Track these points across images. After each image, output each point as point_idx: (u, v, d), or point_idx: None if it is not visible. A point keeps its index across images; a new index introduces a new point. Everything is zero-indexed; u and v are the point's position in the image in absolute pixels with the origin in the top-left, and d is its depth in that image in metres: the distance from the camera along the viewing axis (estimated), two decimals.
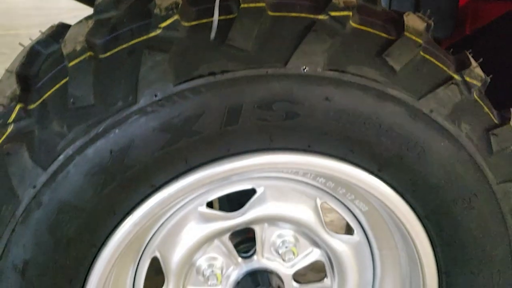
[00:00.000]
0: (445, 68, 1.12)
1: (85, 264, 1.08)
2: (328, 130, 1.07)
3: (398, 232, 1.28)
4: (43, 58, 1.10)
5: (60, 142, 0.99)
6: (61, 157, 0.99)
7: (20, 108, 1.01)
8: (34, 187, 0.99)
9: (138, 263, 1.24)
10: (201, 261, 1.29)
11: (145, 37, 1.00)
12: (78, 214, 1.02)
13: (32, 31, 1.14)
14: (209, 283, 1.27)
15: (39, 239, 1.02)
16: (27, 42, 1.14)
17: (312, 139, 1.08)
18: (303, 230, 1.30)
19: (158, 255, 1.24)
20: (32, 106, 1.01)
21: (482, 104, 1.16)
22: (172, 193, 1.09)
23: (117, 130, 1.00)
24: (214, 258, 1.29)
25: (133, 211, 1.07)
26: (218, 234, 1.26)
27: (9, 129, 1.01)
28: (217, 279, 1.27)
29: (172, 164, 1.05)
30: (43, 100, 1.01)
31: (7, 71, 1.11)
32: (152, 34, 1.00)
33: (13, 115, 1.01)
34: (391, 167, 1.13)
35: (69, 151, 0.99)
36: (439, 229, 1.20)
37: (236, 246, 1.32)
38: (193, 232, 1.24)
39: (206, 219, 1.24)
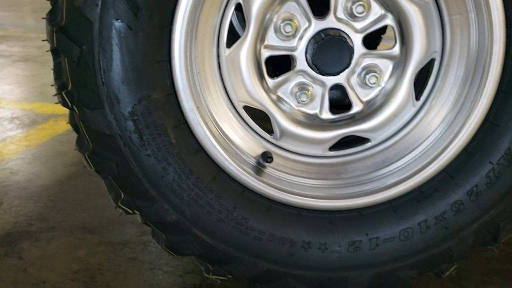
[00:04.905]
0: None
1: None
2: None
3: None
4: None
5: None
6: None
7: None
8: None
9: (224, 11, 1.40)
10: (278, 20, 1.42)
11: None
12: None
13: None
14: (285, 34, 1.41)
15: None
16: None
17: None
18: None
19: (241, 1, 1.39)
20: None
21: None
22: None
23: None
24: (291, 15, 1.42)
25: None
26: None
27: None
28: (291, 28, 1.40)
29: None
30: None
31: None
32: None
33: None
34: None
35: None
36: None
37: None
38: None
39: None
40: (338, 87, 1.52)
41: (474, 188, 1.40)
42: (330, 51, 1.41)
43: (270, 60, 1.51)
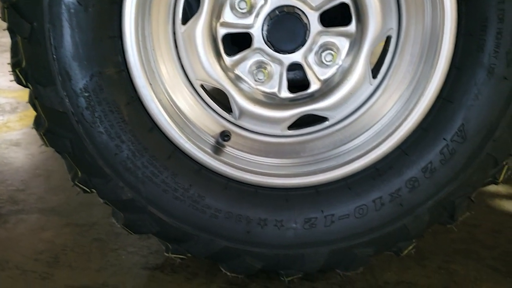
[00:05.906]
0: None
1: None
2: None
3: None
4: None
5: None
6: None
7: None
8: None
9: None
10: None
11: None
12: None
13: None
14: (242, 12, 1.40)
15: None
16: None
17: None
18: None
19: None
20: None
21: None
22: None
23: None
24: None
25: None
26: None
27: None
28: (246, 4, 1.40)
29: None
30: None
31: None
32: None
33: None
34: None
35: None
36: None
37: None
38: None
39: None
40: (298, 67, 1.52)
41: (429, 165, 1.40)
42: (285, 28, 1.41)
43: (234, 39, 1.50)
